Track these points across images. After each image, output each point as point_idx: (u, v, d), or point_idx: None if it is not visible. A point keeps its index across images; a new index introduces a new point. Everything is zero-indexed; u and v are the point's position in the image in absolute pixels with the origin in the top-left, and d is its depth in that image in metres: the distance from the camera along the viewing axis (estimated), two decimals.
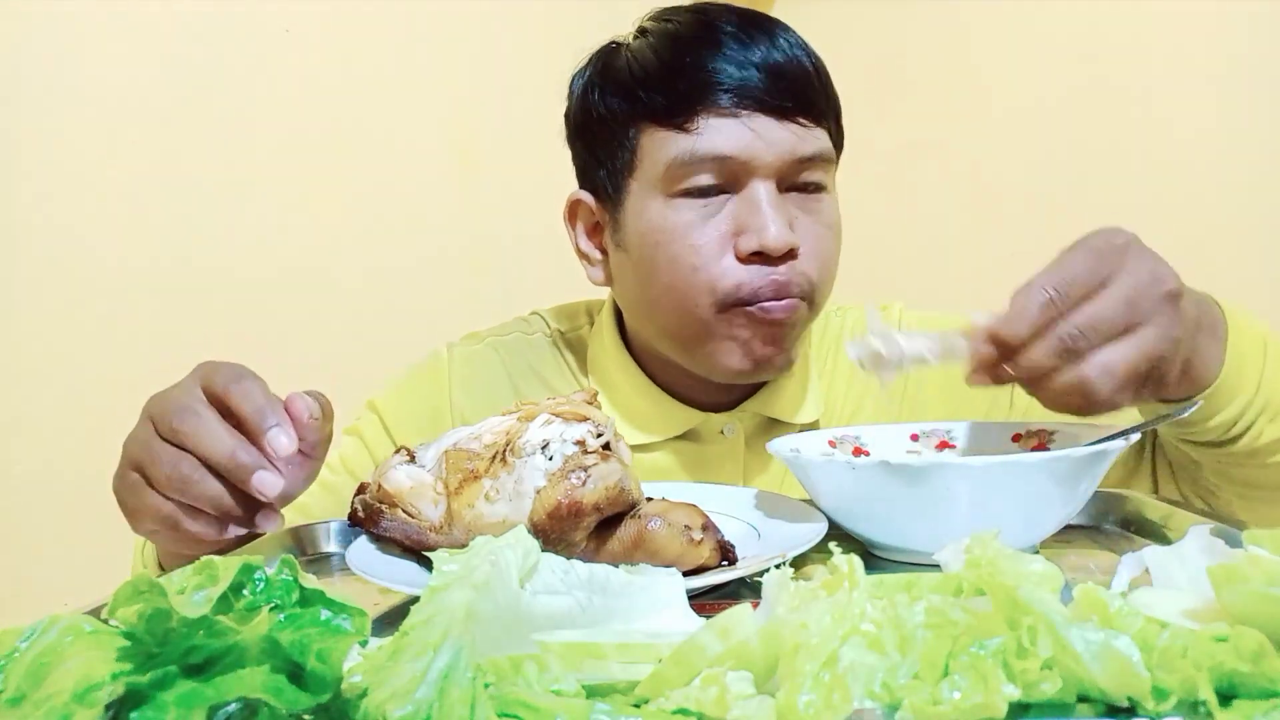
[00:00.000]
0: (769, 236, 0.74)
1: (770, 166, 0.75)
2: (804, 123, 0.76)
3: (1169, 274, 0.55)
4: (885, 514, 0.56)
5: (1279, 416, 0.64)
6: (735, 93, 0.75)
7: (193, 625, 0.30)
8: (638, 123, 0.79)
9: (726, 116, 0.75)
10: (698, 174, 0.76)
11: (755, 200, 0.75)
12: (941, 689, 0.30)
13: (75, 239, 1.37)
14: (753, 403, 0.86)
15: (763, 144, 0.75)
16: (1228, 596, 0.32)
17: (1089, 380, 0.52)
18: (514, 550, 0.36)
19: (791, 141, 0.76)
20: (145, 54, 1.41)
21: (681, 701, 0.30)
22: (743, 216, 0.76)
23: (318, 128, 1.56)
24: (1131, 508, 0.67)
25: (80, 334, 1.35)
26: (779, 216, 0.75)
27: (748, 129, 0.75)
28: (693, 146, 0.75)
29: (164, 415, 0.59)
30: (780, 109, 0.75)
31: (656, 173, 0.77)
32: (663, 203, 0.77)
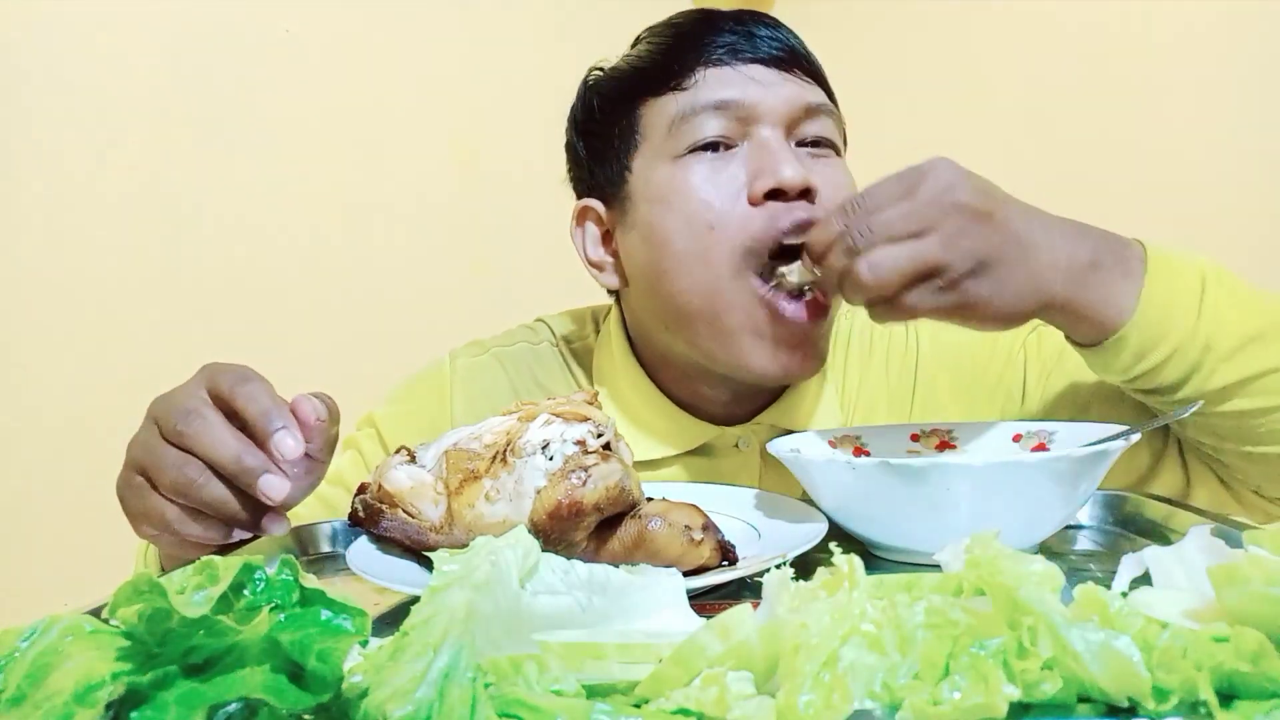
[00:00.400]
0: (785, 173, 0.71)
1: (776, 112, 0.74)
2: (803, 77, 0.76)
3: (967, 188, 0.58)
4: (885, 514, 0.56)
5: (1235, 356, 0.62)
6: (730, 48, 0.75)
7: (193, 625, 0.30)
8: (638, 99, 0.79)
9: (724, 67, 0.75)
10: (702, 125, 0.74)
11: (765, 142, 0.73)
12: (941, 689, 0.30)
13: (76, 239, 1.37)
14: (768, 414, 0.84)
15: (764, 90, 0.74)
16: (1228, 597, 0.32)
17: (857, 272, 0.56)
18: (514, 550, 0.36)
19: (795, 89, 0.75)
20: (145, 54, 1.42)
21: (681, 701, 0.30)
22: (755, 161, 0.73)
23: (318, 127, 1.56)
24: (1131, 508, 0.68)
25: (80, 334, 1.35)
26: (792, 155, 0.73)
27: (747, 76, 0.74)
28: (693, 99, 0.75)
29: (168, 417, 0.58)
30: (778, 59, 0.75)
31: (661, 137, 0.76)
32: (671, 164, 0.75)
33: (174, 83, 1.44)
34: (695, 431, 0.83)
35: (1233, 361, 0.62)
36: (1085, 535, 0.67)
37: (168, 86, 1.43)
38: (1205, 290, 0.63)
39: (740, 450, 0.84)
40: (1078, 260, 0.61)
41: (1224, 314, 0.62)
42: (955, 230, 0.57)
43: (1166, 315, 0.62)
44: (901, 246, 0.56)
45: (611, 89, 0.81)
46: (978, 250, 0.57)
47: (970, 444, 0.71)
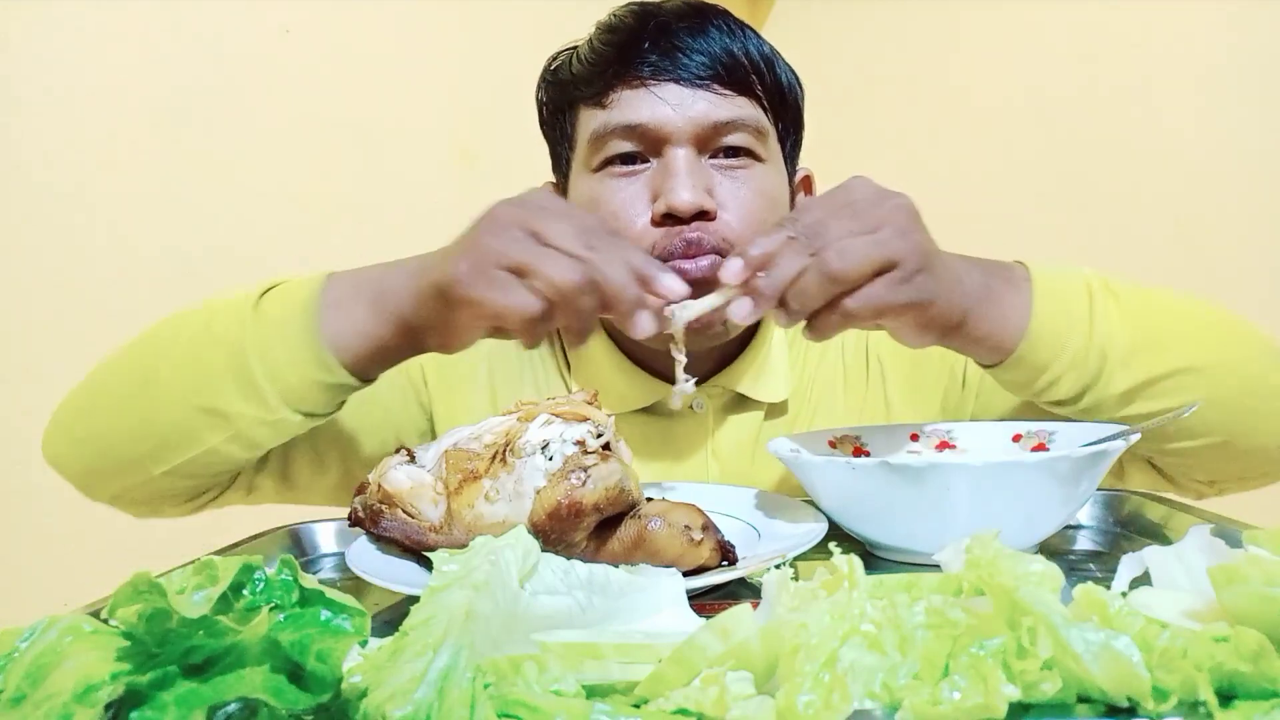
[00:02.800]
0: (675, 196, 0.74)
1: (684, 132, 0.77)
2: (721, 91, 0.78)
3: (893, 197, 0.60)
4: (885, 514, 0.56)
5: (1130, 362, 0.64)
6: (649, 65, 0.77)
7: (193, 625, 0.30)
8: (572, 107, 0.83)
9: (638, 87, 0.77)
10: (613, 144, 0.78)
11: (669, 164, 0.77)
12: (941, 689, 0.30)
13: (76, 239, 1.37)
14: (721, 378, 0.87)
15: (671, 111, 0.77)
16: (1228, 597, 0.32)
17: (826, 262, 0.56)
18: (514, 550, 0.36)
19: (704, 108, 0.77)
20: (145, 54, 1.42)
21: (681, 701, 0.30)
22: (657, 182, 0.77)
23: (318, 127, 1.56)
24: (1131, 508, 0.68)
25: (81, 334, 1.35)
26: (690, 179, 0.75)
27: (657, 97, 0.77)
28: (607, 119, 0.78)
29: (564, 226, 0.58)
30: (694, 78, 0.77)
31: (583, 149, 0.81)
32: (590, 178, 0.80)
33: (174, 82, 1.44)
34: (649, 389, 0.86)
35: (1130, 368, 0.64)
36: (1085, 535, 0.67)
37: (167, 86, 1.43)
38: (1094, 301, 0.65)
39: (694, 411, 0.87)
40: (974, 281, 0.63)
41: (1115, 322, 0.64)
42: (904, 226, 0.58)
43: (1059, 329, 0.64)
44: (864, 238, 0.57)
45: (554, 92, 0.85)
46: (925, 245, 0.59)
47: (970, 444, 0.71)
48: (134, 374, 0.68)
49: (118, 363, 0.70)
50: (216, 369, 0.64)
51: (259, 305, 0.65)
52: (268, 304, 0.65)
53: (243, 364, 0.63)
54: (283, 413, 0.63)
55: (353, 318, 0.64)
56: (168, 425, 0.65)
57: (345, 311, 0.64)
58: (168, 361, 0.66)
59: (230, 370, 0.63)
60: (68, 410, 0.72)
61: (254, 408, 0.63)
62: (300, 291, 0.65)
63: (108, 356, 0.71)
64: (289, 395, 0.63)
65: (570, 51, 0.86)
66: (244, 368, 0.63)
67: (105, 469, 0.69)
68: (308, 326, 0.63)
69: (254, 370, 0.63)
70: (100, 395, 0.70)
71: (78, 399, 0.72)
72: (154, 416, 0.66)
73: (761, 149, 0.80)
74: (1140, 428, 0.59)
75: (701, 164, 0.77)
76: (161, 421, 0.65)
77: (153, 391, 0.66)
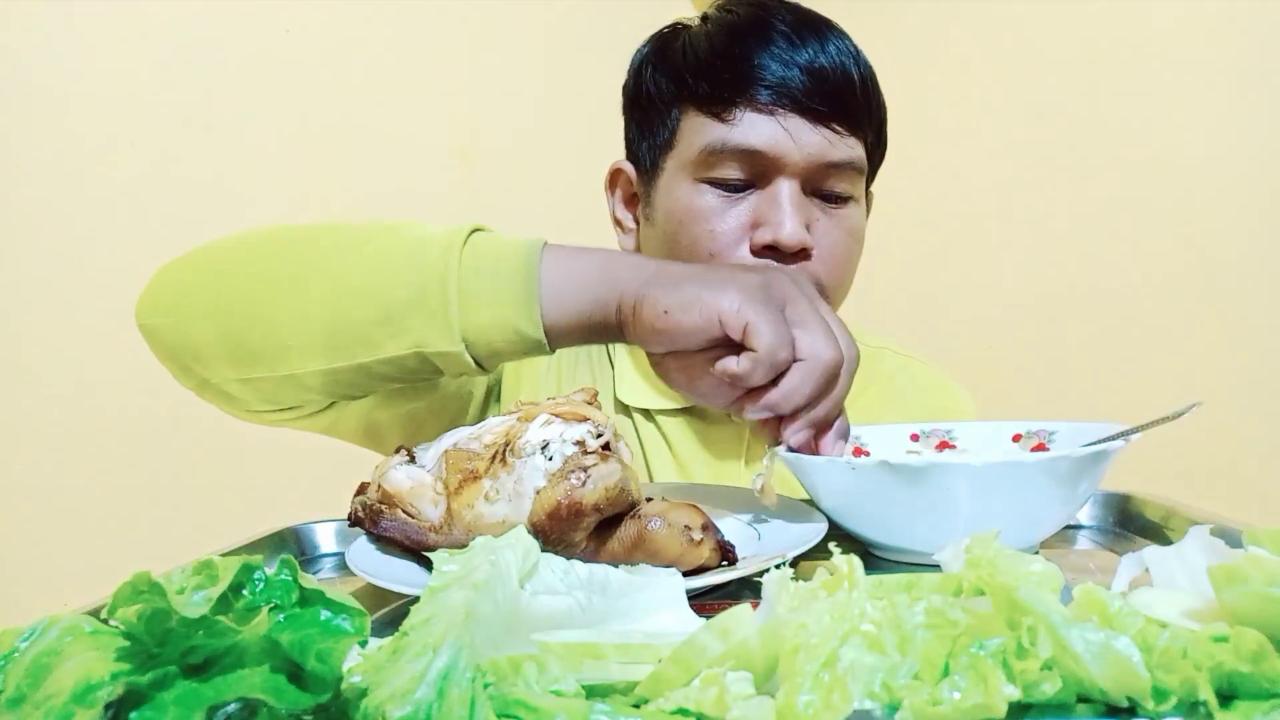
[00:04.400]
0: (784, 232, 0.75)
1: (797, 166, 0.77)
2: (838, 129, 0.78)
3: None
4: (885, 514, 0.56)
5: None
6: (775, 89, 0.77)
7: (192, 625, 0.30)
8: (681, 105, 0.81)
9: (763, 112, 0.77)
10: (727, 164, 0.78)
11: (777, 196, 0.77)
12: (941, 689, 0.30)
13: (76, 239, 1.37)
14: None
15: (793, 144, 0.76)
16: (1228, 597, 0.32)
17: None
18: (514, 550, 0.36)
19: (822, 145, 0.77)
20: (145, 54, 1.42)
21: (681, 702, 0.30)
22: (762, 210, 0.77)
23: (318, 127, 1.57)
24: (1131, 508, 0.68)
25: (81, 334, 1.35)
26: (796, 215, 0.76)
27: (781, 127, 0.77)
28: (726, 136, 0.77)
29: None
30: (816, 112, 0.77)
31: (690, 156, 0.79)
32: (691, 185, 0.80)
33: (174, 82, 1.44)
34: None
35: None
36: (1085, 535, 0.67)
37: (168, 86, 1.43)
38: None
39: (733, 421, 0.87)
40: None
41: None
42: None
43: None
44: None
45: (662, 82, 0.83)
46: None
47: (970, 444, 0.71)
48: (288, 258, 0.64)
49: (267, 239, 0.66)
50: (402, 280, 0.60)
51: (470, 239, 0.62)
52: (480, 241, 0.62)
53: (439, 283, 0.60)
54: (457, 346, 0.60)
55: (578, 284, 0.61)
56: (318, 327, 0.61)
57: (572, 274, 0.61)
58: (338, 258, 0.62)
59: (419, 285, 0.60)
60: (174, 279, 0.67)
61: (431, 331, 0.60)
62: (516, 241, 0.62)
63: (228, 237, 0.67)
64: (472, 330, 0.60)
65: (682, 35, 0.83)
66: (439, 287, 0.60)
67: (215, 353, 0.64)
68: (527, 272, 0.60)
69: (450, 293, 0.59)
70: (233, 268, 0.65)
71: (189, 269, 0.67)
72: (303, 313, 0.61)
73: (858, 191, 0.81)
74: (1140, 428, 0.59)
75: (805, 200, 0.78)
76: (311, 320, 0.61)
77: (309, 285, 0.62)
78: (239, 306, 0.64)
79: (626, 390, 0.89)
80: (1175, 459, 1.37)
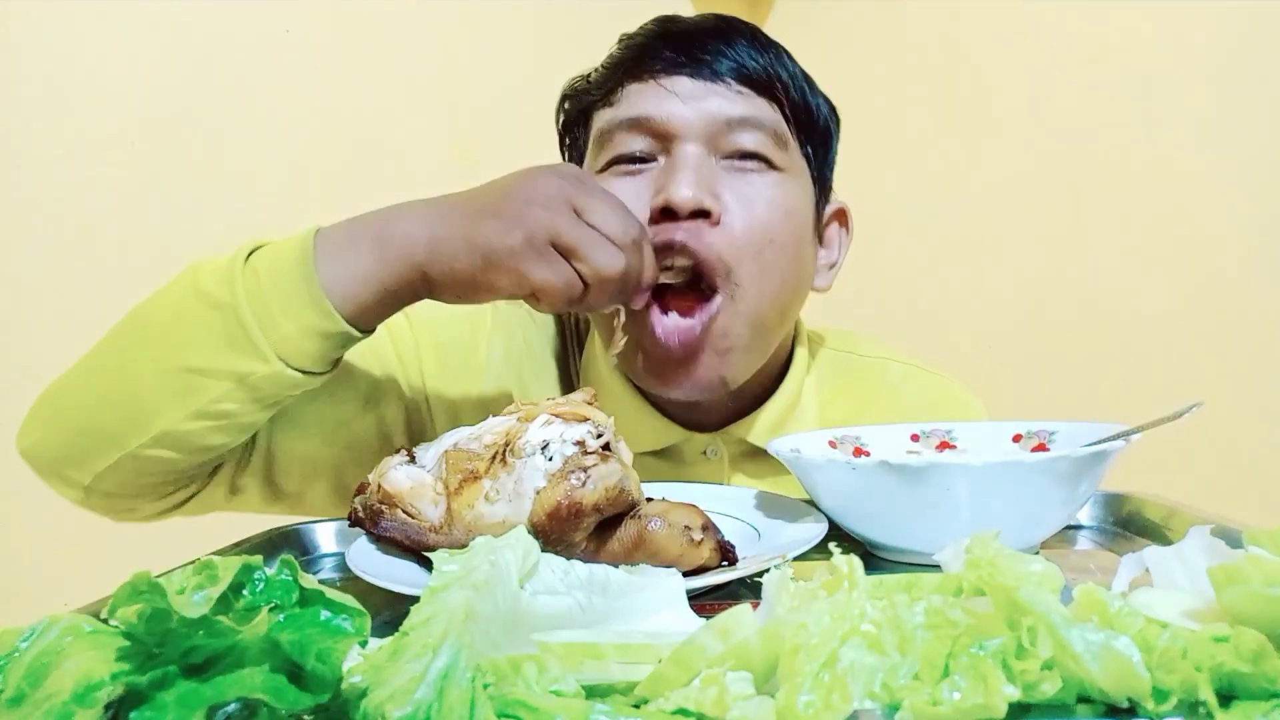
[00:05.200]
0: (675, 193, 0.69)
1: (694, 127, 0.72)
2: (738, 88, 0.73)
3: None
4: (885, 514, 0.56)
5: None
6: (661, 60, 0.74)
7: (192, 625, 0.30)
8: (585, 115, 0.80)
9: (647, 81, 0.74)
10: (619, 140, 0.75)
11: (674, 160, 0.72)
12: (941, 689, 0.30)
13: (76, 239, 1.37)
14: (736, 428, 0.83)
15: (681, 105, 0.73)
16: (1228, 597, 0.32)
17: None
18: (514, 550, 0.36)
19: (717, 102, 0.73)
20: (145, 54, 1.42)
21: (681, 702, 0.30)
22: (660, 179, 0.72)
23: (318, 127, 1.56)
24: (1131, 508, 0.68)
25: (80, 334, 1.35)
26: (693, 175, 0.71)
27: (668, 90, 0.73)
28: (613, 115, 0.75)
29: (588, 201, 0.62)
30: (710, 71, 0.73)
31: (593, 151, 0.78)
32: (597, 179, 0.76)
33: (173, 82, 1.44)
34: (662, 432, 0.82)
35: None
36: (1085, 535, 0.67)
37: (167, 86, 1.43)
38: None
39: (708, 459, 0.84)
40: None
41: None
42: None
43: None
44: None
45: (571, 104, 0.83)
46: None
47: (970, 444, 0.71)
48: (114, 345, 0.66)
49: (98, 345, 0.69)
50: (204, 326, 0.62)
51: (248, 261, 0.63)
52: (257, 260, 0.63)
53: (234, 317, 0.61)
54: (276, 365, 0.61)
55: (356, 261, 0.62)
56: (149, 389, 0.62)
57: (347, 256, 0.62)
58: (150, 327, 0.65)
59: (220, 325, 0.61)
60: (44, 398, 0.70)
61: (247, 361, 0.60)
62: (289, 244, 0.64)
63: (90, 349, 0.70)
64: (284, 346, 0.61)
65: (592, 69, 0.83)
66: (236, 321, 0.61)
67: (79, 452, 0.66)
68: (304, 274, 0.61)
69: (247, 322, 0.60)
70: (78, 373, 0.68)
71: (55, 386, 0.70)
72: (134, 382, 0.63)
73: (780, 157, 0.75)
74: (1140, 428, 0.59)
75: (711, 163, 0.73)
76: (142, 386, 0.63)
77: (133, 358, 0.64)
78: (87, 400, 0.66)
79: None
80: (1175, 459, 1.37)
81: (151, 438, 0.63)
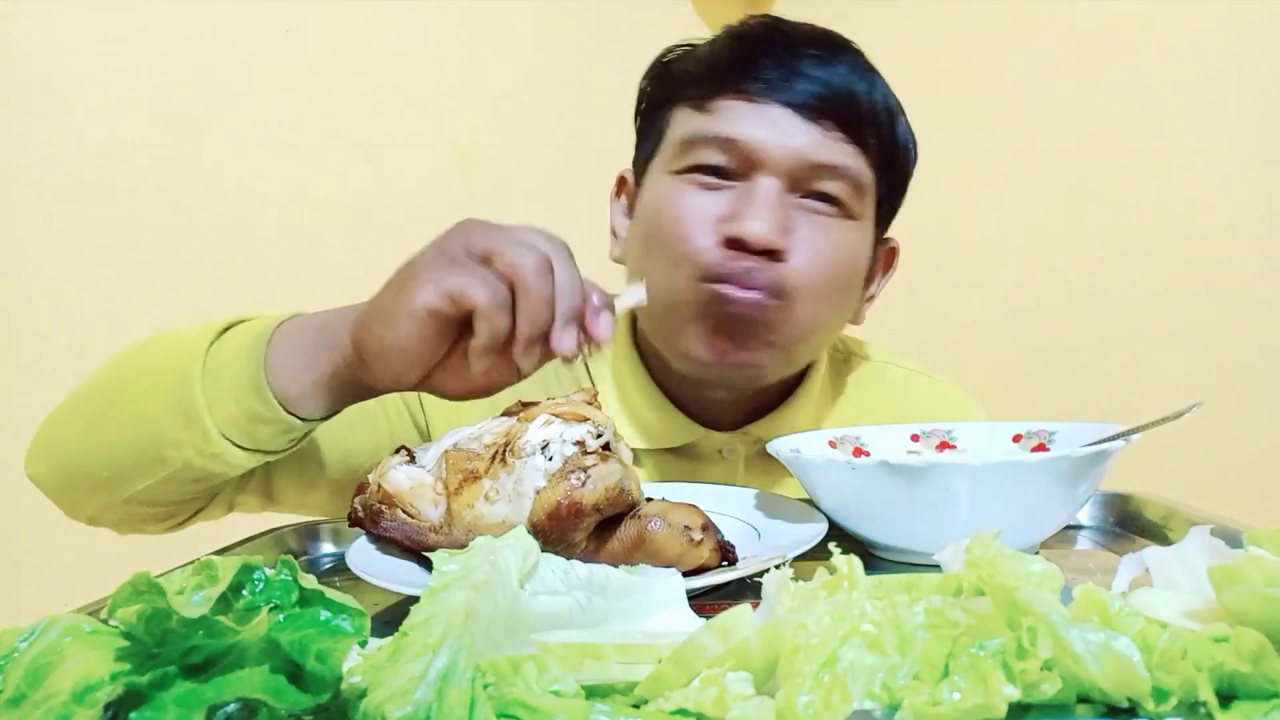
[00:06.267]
0: (750, 228, 0.71)
1: (779, 163, 0.73)
2: (831, 131, 0.73)
3: None
4: (885, 514, 0.56)
5: None
6: (764, 82, 0.73)
7: (192, 625, 0.30)
8: (672, 105, 0.79)
9: (746, 101, 0.74)
10: (704, 152, 0.75)
11: (753, 190, 0.73)
12: (941, 689, 0.30)
13: (76, 240, 1.37)
14: (754, 427, 0.84)
15: (775, 136, 0.73)
16: (1228, 597, 0.32)
17: None
18: (514, 550, 0.36)
19: (808, 143, 0.73)
20: (145, 54, 1.42)
21: (681, 702, 0.30)
22: (737, 204, 0.73)
23: (318, 128, 1.56)
24: (1131, 508, 0.68)
25: (81, 335, 1.35)
26: (770, 214, 0.71)
27: (765, 118, 0.73)
28: (705, 125, 0.75)
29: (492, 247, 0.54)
30: (807, 107, 0.73)
31: (672, 150, 0.78)
32: (668, 178, 0.77)
33: (173, 83, 1.44)
34: (682, 429, 0.83)
35: None
36: (1085, 535, 0.67)
37: (167, 86, 1.43)
38: None
39: (724, 458, 0.84)
40: None
41: None
42: None
43: None
44: None
45: (658, 86, 0.82)
46: None
47: (970, 444, 0.71)
48: (102, 397, 0.67)
49: (91, 383, 0.69)
50: (165, 396, 0.61)
51: (220, 338, 0.63)
52: (228, 337, 0.63)
53: (188, 392, 0.60)
54: (220, 445, 0.60)
55: (297, 351, 0.60)
56: (125, 452, 0.63)
57: (291, 346, 0.60)
58: (131, 387, 0.65)
59: (175, 397, 0.61)
60: (47, 427, 0.70)
61: (195, 437, 0.60)
62: (258, 325, 0.63)
63: (89, 375, 0.70)
64: (228, 427, 0.60)
65: (686, 48, 0.82)
66: (188, 396, 0.60)
67: (78, 489, 0.68)
68: (254, 358, 0.60)
69: (196, 400, 0.60)
70: (74, 415, 0.69)
71: (57, 417, 0.70)
72: (114, 442, 0.64)
73: (856, 205, 0.76)
74: (1140, 428, 0.59)
75: (787, 201, 0.73)
76: (120, 448, 0.64)
77: (114, 416, 0.64)
78: (77, 446, 0.67)
79: None
80: (1175, 459, 1.37)
81: (137, 491, 0.64)
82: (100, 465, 0.65)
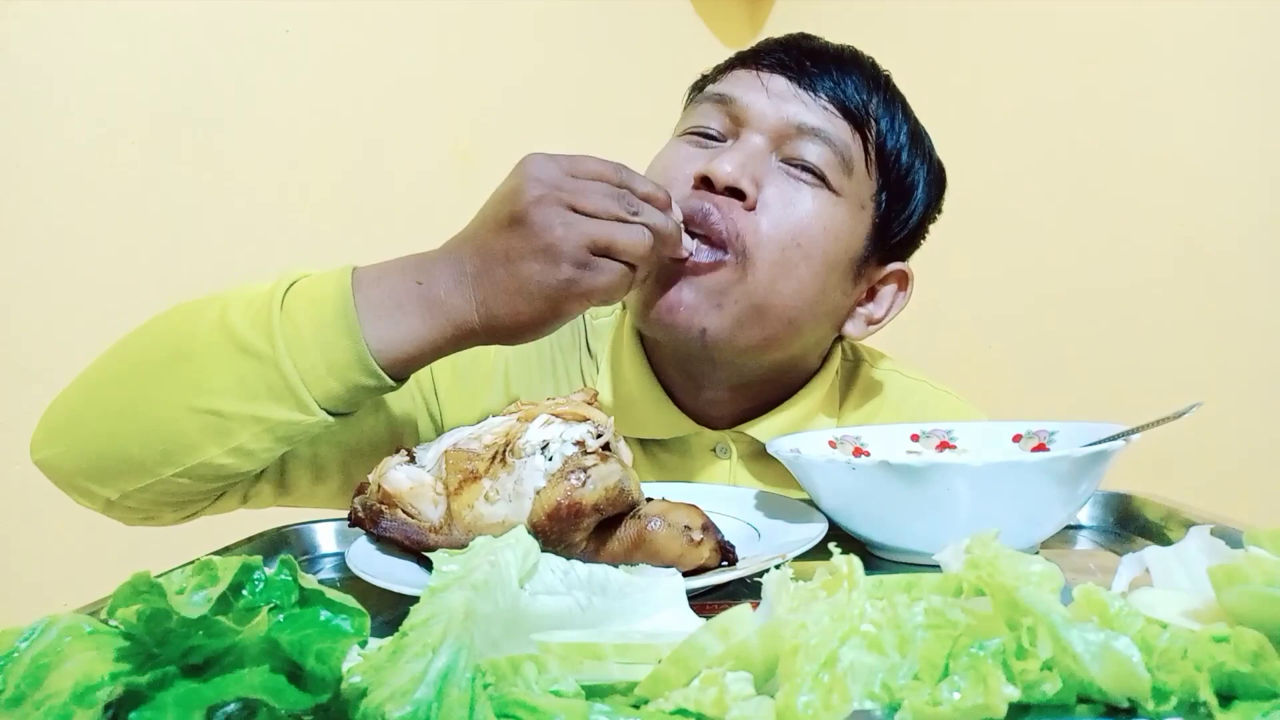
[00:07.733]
0: (717, 165, 0.71)
1: (766, 120, 0.75)
2: (825, 103, 0.75)
3: None
4: (885, 514, 0.56)
5: None
6: (773, 58, 0.78)
7: (192, 625, 0.30)
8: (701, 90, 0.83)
9: (750, 70, 0.78)
10: (702, 111, 0.78)
11: (736, 143, 0.76)
12: (941, 689, 0.30)
13: (75, 239, 1.37)
14: (748, 426, 0.83)
15: (766, 98, 0.76)
16: (1228, 597, 0.32)
17: None
18: (514, 551, 0.36)
19: (798, 108, 0.75)
20: (145, 53, 1.42)
21: (681, 702, 0.30)
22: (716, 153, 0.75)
23: (318, 127, 1.56)
24: (1132, 508, 0.68)
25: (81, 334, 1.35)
26: (742, 157, 0.73)
27: (759, 82, 0.77)
28: (710, 88, 0.80)
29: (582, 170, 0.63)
30: (808, 82, 0.76)
31: (683, 114, 0.83)
32: (674, 140, 0.81)
33: (173, 82, 1.44)
34: (675, 422, 0.83)
35: None
36: (1085, 535, 0.67)
37: (167, 86, 1.43)
38: None
39: (718, 456, 0.85)
40: None
41: None
42: None
43: None
44: None
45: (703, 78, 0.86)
46: None
47: (970, 444, 0.71)
48: (135, 369, 0.66)
49: (119, 360, 0.68)
50: (240, 373, 0.61)
51: (285, 308, 0.63)
52: (294, 307, 0.63)
53: (275, 371, 0.60)
54: (320, 415, 0.62)
55: (406, 325, 0.62)
56: (184, 426, 0.62)
57: (394, 319, 0.62)
58: (180, 364, 0.64)
59: (259, 376, 0.61)
60: (62, 410, 0.69)
61: (288, 412, 0.61)
62: (327, 293, 0.63)
63: (106, 353, 0.69)
64: (328, 400, 0.61)
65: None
66: (278, 375, 0.60)
67: (106, 472, 0.66)
68: (349, 332, 0.61)
69: (291, 379, 0.60)
70: (101, 394, 0.67)
71: (73, 398, 0.69)
72: (168, 417, 0.63)
73: (839, 180, 0.75)
74: (1140, 428, 0.59)
75: (767, 158, 0.75)
76: (178, 422, 0.62)
77: (164, 392, 0.63)
78: (113, 426, 0.65)
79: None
80: (1175, 459, 1.37)
81: (184, 469, 0.64)
82: (146, 444, 0.63)
